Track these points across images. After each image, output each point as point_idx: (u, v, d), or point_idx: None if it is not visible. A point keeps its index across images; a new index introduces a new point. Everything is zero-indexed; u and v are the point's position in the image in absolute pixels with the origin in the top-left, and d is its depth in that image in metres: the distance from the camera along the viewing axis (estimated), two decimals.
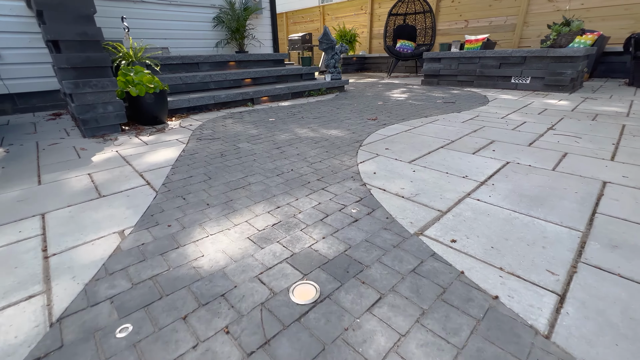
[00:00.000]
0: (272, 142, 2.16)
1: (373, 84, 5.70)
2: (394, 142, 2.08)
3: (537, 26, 6.39)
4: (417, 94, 4.24)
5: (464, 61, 4.68)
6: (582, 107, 3.03)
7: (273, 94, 3.93)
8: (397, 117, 2.85)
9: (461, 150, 1.89)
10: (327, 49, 4.54)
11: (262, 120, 2.88)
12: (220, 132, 2.49)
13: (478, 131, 2.29)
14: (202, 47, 4.97)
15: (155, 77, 2.63)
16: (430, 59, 5.04)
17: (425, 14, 6.93)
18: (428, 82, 5.22)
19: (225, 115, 3.15)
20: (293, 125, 2.67)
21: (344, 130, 2.46)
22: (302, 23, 11.11)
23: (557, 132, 2.22)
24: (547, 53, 3.90)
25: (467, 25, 7.33)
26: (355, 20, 9.41)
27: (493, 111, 2.99)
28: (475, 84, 4.69)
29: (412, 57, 6.64)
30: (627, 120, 2.50)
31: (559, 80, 3.91)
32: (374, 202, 1.27)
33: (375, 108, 3.35)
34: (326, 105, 3.66)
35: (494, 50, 4.32)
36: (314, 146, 2.05)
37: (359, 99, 4.07)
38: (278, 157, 1.84)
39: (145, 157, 1.90)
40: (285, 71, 4.38)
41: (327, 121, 2.79)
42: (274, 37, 6.26)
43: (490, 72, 4.46)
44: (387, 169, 1.63)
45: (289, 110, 3.36)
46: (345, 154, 1.87)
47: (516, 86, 4.31)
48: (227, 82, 3.86)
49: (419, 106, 3.38)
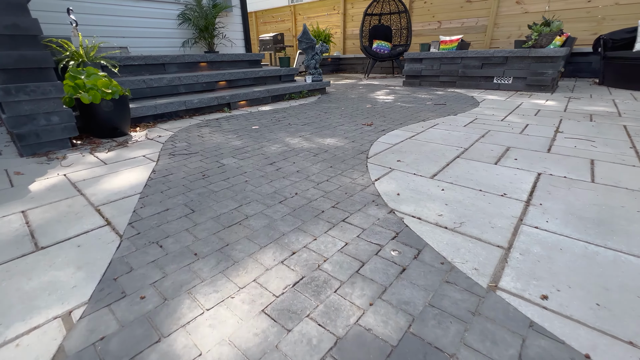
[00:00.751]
0: (262, 156, 1.82)
1: (353, 85, 5.49)
2: (403, 152, 1.83)
3: (507, 27, 6.52)
4: (403, 96, 4.07)
5: (446, 62, 4.59)
6: (572, 108, 2.98)
7: (251, 98, 3.56)
8: (394, 122, 2.62)
9: (480, 159, 1.68)
10: (306, 49, 4.24)
11: (245, 129, 2.51)
12: (197, 144, 2.10)
13: (486, 136, 2.11)
14: (167, 46, 4.46)
15: (113, 81, 2.19)
16: (412, 60, 4.91)
17: (400, 15, 6.85)
18: (410, 83, 5.09)
19: (200, 123, 2.74)
20: (281, 133, 2.34)
21: (341, 138, 2.17)
22: (273, 23, 10.72)
23: (566, 135, 2.09)
24: (528, 53, 3.88)
25: (439, 26, 7.36)
26: (328, 20, 9.19)
27: (488, 113, 2.85)
28: (457, 85, 4.62)
29: (389, 57, 6.52)
30: (623, 120, 2.44)
31: (540, 80, 3.90)
32: (414, 238, 0.99)
33: (367, 112, 3.11)
34: (311, 109, 3.36)
35: (476, 51, 4.25)
36: (314, 160, 1.74)
37: (344, 101, 3.81)
38: (275, 177, 1.52)
39: (104, 182, 1.49)
40: (263, 73, 4.02)
41: (319, 128, 2.49)
42: (245, 36, 5.86)
43: (472, 73, 4.40)
44: (410, 187, 1.36)
45: (272, 116, 3.01)
46: (354, 169, 1.58)
47: (499, 86, 4.28)
48: (199, 85, 3.43)
49: (411, 109, 3.18)
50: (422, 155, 1.77)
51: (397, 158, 1.73)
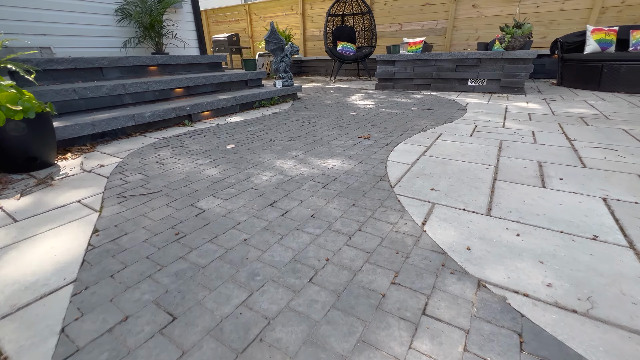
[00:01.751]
0: (254, 192, 1.35)
1: (323, 90, 5.12)
2: (429, 176, 1.48)
3: (465, 30, 6.66)
4: (382, 100, 3.79)
5: (420, 64, 4.42)
6: (557, 111, 2.93)
7: (216, 107, 3.00)
8: (392, 133, 2.29)
9: (523, 182, 1.40)
10: (275, 50, 3.77)
11: (217, 149, 2.00)
12: (158, 175, 1.55)
13: (505, 149, 1.86)
14: (105, 46, 3.68)
15: (24, 93, 1.54)
16: (384, 62, 4.68)
17: (363, 15, 6.65)
18: (383, 86, 4.86)
19: (156, 143, 2.15)
20: (267, 154, 1.87)
21: (344, 158, 1.77)
22: (226, 23, 9.97)
23: (582, 143, 1.92)
24: (502, 55, 3.84)
25: (400, 28, 7.32)
26: (286, 21, 8.73)
27: (484, 119, 2.66)
28: (432, 87, 4.48)
29: (355, 59, 6.27)
30: (615, 123, 2.38)
31: (514, 82, 3.89)
32: (554, 347, 0.63)
33: (354, 120, 2.74)
34: (290, 118, 2.91)
35: (450, 53, 4.14)
36: (326, 194, 1.32)
37: (322, 108, 3.41)
38: (284, 228, 1.07)
39: (8, 262, 0.92)
40: (227, 77, 3.46)
41: (311, 144, 2.06)
42: (199, 36, 5.21)
43: (447, 75, 4.29)
44: (475, 233, 1.01)
45: (247, 129, 2.51)
46: (385, 207, 1.19)
47: (473, 89, 4.21)
48: (151, 93, 2.79)
49: (399, 116, 2.89)
50: (453, 178, 1.44)
51: (427, 185, 1.38)
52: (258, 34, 9.37)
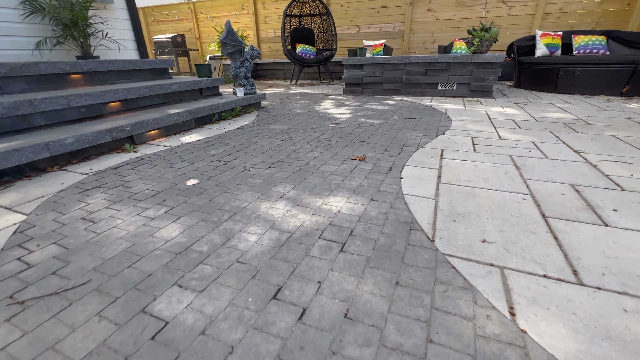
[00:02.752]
0: (243, 272, 0.89)
1: (287, 96, 4.67)
2: (465, 216, 1.15)
3: (421, 33, 6.69)
4: (357, 108, 3.48)
5: (389, 68, 4.20)
6: (537, 116, 2.86)
7: (166, 124, 2.42)
8: (388, 151, 1.95)
9: (579, 218, 1.13)
10: (233, 54, 3.24)
11: (173, 187, 1.47)
12: (84, 247, 1.01)
13: (523, 169, 1.62)
14: (7, 48, 2.84)
15: None
16: (352, 66, 4.39)
17: (321, 17, 6.33)
18: (351, 91, 4.57)
19: (84, 182, 1.55)
20: (245, 192, 1.40)
21: (347, 193, 1.37)
22: (168, 22, 8.98)
23: (594, 156, 1.77)
24: (471, 59, 3.76)
25: (359, 30, 7.15)
26: (237, 21, 8.08)
27: (475, 128, 2.46)
28: (402, 92, 4.29)
29: (316, 63, 5.92)
30: (601, 129, 2.33)
31: (483, 86, 3.84)
32: None
33: (337, 135, 2.37)
34: (260, 135, 2.43)
35: (420, 56, 3.97)
36: (350, 265, 0.91)
37: (293, 119, 2.99)
38: (315, 353, 0.64)
39: None
40: (177, 86, 2.86)
41: (296, 172, 1.63)
42: (138, 36, 4.45)
43: (417, 79, 4.12)
44: (596, 332, 0.68)
45: (209, 153, 2.00)
46: (444, 284, 0.82)
47: (444, 93, 4.10)
48: (74, 111, 2.13)
49: (384, 127, 2.58)
50: (497, 218, 1.13)
51: (473, 233, 1.05)
52: (207, 35, 8.58)
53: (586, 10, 5.58)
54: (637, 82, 3.66)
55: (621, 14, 5.43)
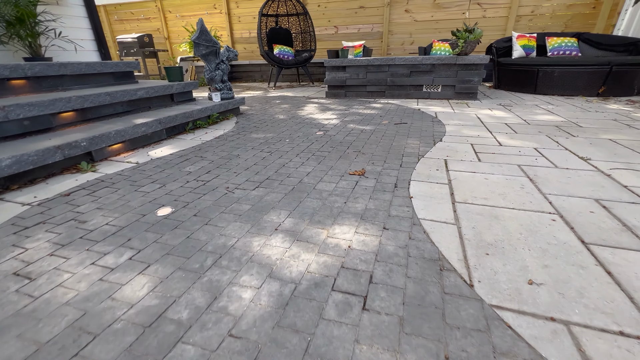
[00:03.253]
0: (243, 351, 0.65)
1: (266, 99, 4.41)
2: (498, 247, 0.98)
3: (400, 35, 6.64)
4: (344, 112, 3.29)
5: (373, 69, 4.05)
6: (528, 119, 2.80)
7: (133, 136, 2.10)
8: (387, 163, 1.77)
9: (622, 244, 0.99)
10: (207, 55, 2.94)
11: (140, 220, 1.19)
12: (11, 328, 0.73)
13: (537, 181, 1.49)
14: None
15: None
16: (334, 68, 4.20)
17: (299, 17, 6.10)
18: (334, 94, 4.38)
19: (23, 217, 1.23)
20: (229, 222, 1.16)
21: (354, 220, 1.16)
22: (133, 21, 8.39)
23: (602, 164, 1.68)
24: (455, 61, 3.69)
25: (337, 31, 6.99)
26: (210, 20, 7.68)
27: (471, 134, 2.34)
28: (387, 95, 4.16)
29: (295, 64, 5.69)
30: (595, 132, 2.29)
31: (468, 88, 3.78)
32: None
33: (328, 145, 2.15)
34: (241, 145, 2.17)
35: (404, 58, 3.85)
36: (380, 334, 0.69)
37: (276, 126, 2.74)
38: None
39: None
40: (144, 92, 2.53)
41: (289, 193, 1.40)
42: (98, 36, 4.03)
43: (401, 81, 4.00)
44: None
45: (184, 170, 1.72)
46: (508, 357, 0.64)
47: (429, 95, 4.01)
48: (14, 124, 1.77)
49: (377, 134, 2.41)
50: (536, 250, 0.97)
51: (515, 271, 0.87)
52: (177, 35, 8.10)
53: (556, 13, 5.75)
54: (612, 83, 3.74)
55: (588, 17, 5.64)
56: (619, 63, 3.59)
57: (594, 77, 3.76)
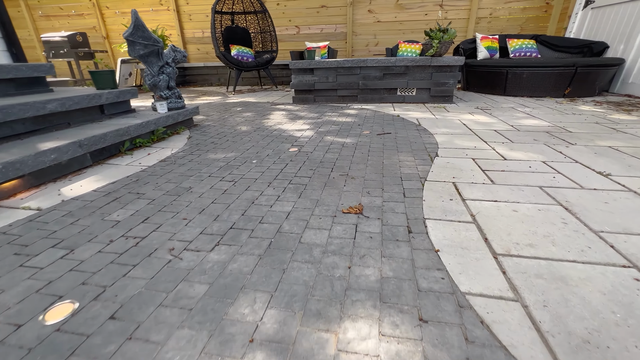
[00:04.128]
0: None
1: (225, 107, 3.86)
2: (599, 351, 0.64)
3: (364, 36, 6.41)
4: (316, 121, 2.88)
5: (343, 72, 3.70)
6: (512, 123, 2.62)
7: (36, 168, 1.50)
8: (386, 192, 1.39)
9: None
10: (147, 56, 2.37)
11: (21, 336, 0.68)
12: None
13: (572, 209, 1.20)
14: None
15: None
16: (301, 71, 3.78)
17: (257, 15, 5.59)
18: (302, 99, 3.96)
19: None
20: (172, 328, 0.68)
21: (370, 307, 0.75)
22: (62, 17, 7.25)
23: (623, 180, 1.45)
24: (430, 62, 3.46)
25: (299, 31, 6.58)
26: (155, 18, 6.85)
27: (466, 145, 2.07)
28: (360, 99, 3.83)
29: (256, 67, 5.18)
30: (589, 139, 2.13)
31: (444, 90, 3.58)
32: None
33: (307, 167, 1.73)
34: (195, 171, 1.67)
35: (376, 59, 3.55)
36: None
37: (239, 142, 2.26)
38: None
39: None
40: (56, 104, 1.90)
41: (264, 253, 0.96)
42: (7, 33, 3.27)
43: (374, 85, 3.70)
44: None
45: (110, 219, 1.19)
46: None
47: (404, 99, 3.75)
48: None
49: (361, 149, 2.03)
50: None
51: None
52: (117, 34, 7.14)
53: (512, 15, 5.87)
54: (577, 84, 3.77)
55: (540, 20, 5.83)
56: (584, 64, 3.61)
57: (560, 78, 3.76)
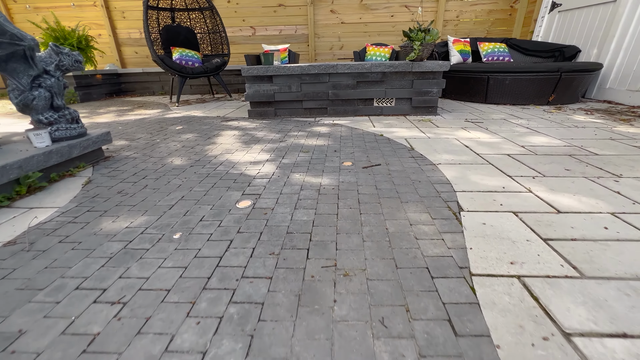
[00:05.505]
0: None
1: (162, 125, 2.99)
2: None
3: (328, 38, 5.81)
4: (278, 145, 2.16)
5: (309, 80, 3.02)
6: (521, 142, 2.12)
7: None
8: (409, 312, 0.73)
9: None
10: (7, 62, 1.49)
11: None
12: None
13: None
14: None
15: None
16: (257, 78, 3.03)
17: (203, 12, 4.72)
18: (260, 113, 3.21)
19: None
20: None
21: None
22: None
23: None
24: (411, 68, 2.91)
25: (254, 33, 5.81)
26: (79, 15, 5.67)
27: (490, 185, 1.48)
28: (330, 112, 3.18)
29: (203, 73, 4.32)
30: (630, 165, 1.67)
31: (427, 100, 3.05)
32: None
33: (267, 245, 1.01)
34: (54, 273, 0.87)
35: (348, 65, 2.92)
36: None
37: (160, 190, 1.47)
38: None
39: None
40: None
41: None
42: None
43: (347, 94, 3.07)
44: None
45: None
46: None
47: (381, 111, 3.16)
48: None
49: (348, 200, 1.36)
50: None
51: None
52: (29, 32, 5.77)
53: (478, 18, 5.63)
54: (561, 90, 3.46)
55: (505, 23, 5.64)
56: (568, 69, 3.30)
57: (545, 84, 3.43)
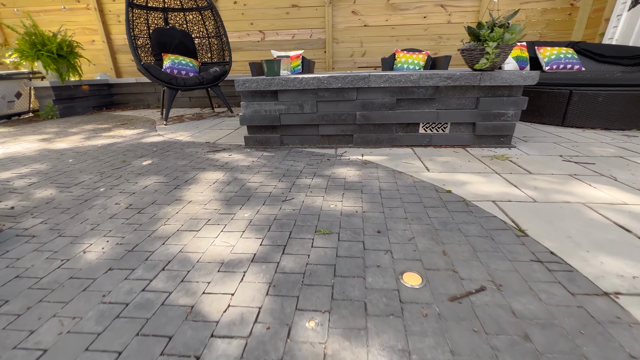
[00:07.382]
0: None
1: (126, 156, 2.16)
2: None
3: (348, 43, 4.95)
4: (281, 213, 1.27)
5: (328, 96, 2.14)
6: None
7: None
8: None
9: None
10: None
11: None
12: None
13: None
14: None
15: None
16: (256, 94, 2.17)
17: (201, 13, 3.94)
18: (261, 141, 2.34)
19: None
20: None
21: None
22: None
23: None
24: (479, 81, 1.98)
25: (263, 38, 5.02)
26: (71, 20, 5.04)
27: None
28: (357, 140, 2.27)
29: (198, 85, 3.52)
30: None
31: (497, 127, 2.10)
32: None
33: None
34: None
35: (384, 75, 2.02)
36: None
37: None
38: None
39: None
40: None
41: None
42: None
43: (382, 117, 2.16)
44: None
45: None
46: None
47: (430, 140, 2.23)
48: None
49: None
50: None
51: None
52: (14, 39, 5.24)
53: (530, 19, 4.65)
54: None
55: (563, 24, 4.64)
56: None
57: None
